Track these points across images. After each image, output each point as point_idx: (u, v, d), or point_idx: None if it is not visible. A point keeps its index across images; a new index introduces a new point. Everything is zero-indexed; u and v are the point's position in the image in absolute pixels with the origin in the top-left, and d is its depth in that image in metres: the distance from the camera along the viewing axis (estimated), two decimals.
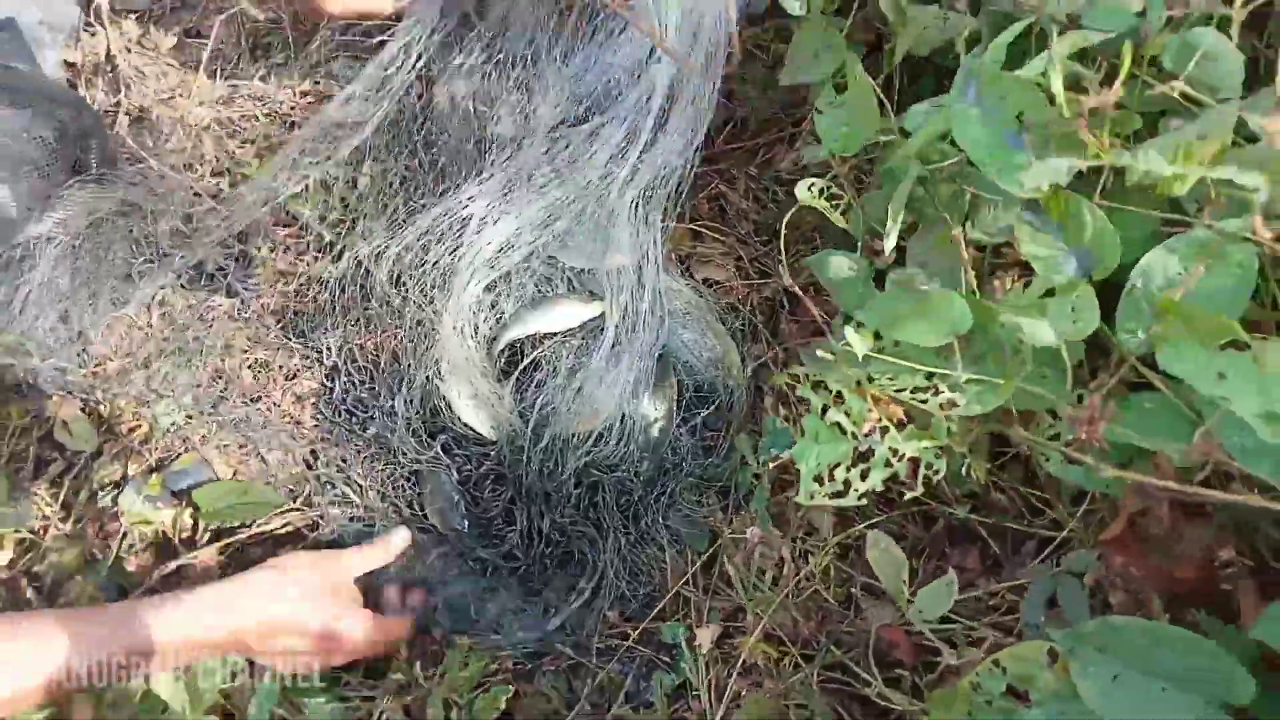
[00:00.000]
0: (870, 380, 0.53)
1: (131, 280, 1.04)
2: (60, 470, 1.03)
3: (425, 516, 1.00)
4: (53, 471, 1.03)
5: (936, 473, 0.55)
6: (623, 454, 0.97)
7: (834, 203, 0.71)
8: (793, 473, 0.97)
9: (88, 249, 1.02)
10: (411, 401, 0.99)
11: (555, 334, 0.99)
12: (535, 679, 0.94)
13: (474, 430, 0.98)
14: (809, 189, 0.70)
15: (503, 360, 1.00)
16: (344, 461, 1.00)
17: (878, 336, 0.54)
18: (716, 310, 1.02)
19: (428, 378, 0.98)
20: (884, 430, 0.52)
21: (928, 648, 0.85)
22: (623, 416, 0.97)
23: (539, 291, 0.97)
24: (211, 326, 1.04)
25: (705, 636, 0.89)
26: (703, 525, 0.97)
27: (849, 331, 0.54)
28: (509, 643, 0.94)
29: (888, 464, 0.53)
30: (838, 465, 0.54)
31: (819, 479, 0.54)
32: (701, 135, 0.90)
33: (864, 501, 0.54)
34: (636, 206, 0.97)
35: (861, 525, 0.92)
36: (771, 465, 0.90)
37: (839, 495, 0.54)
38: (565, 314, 0.96)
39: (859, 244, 0.84)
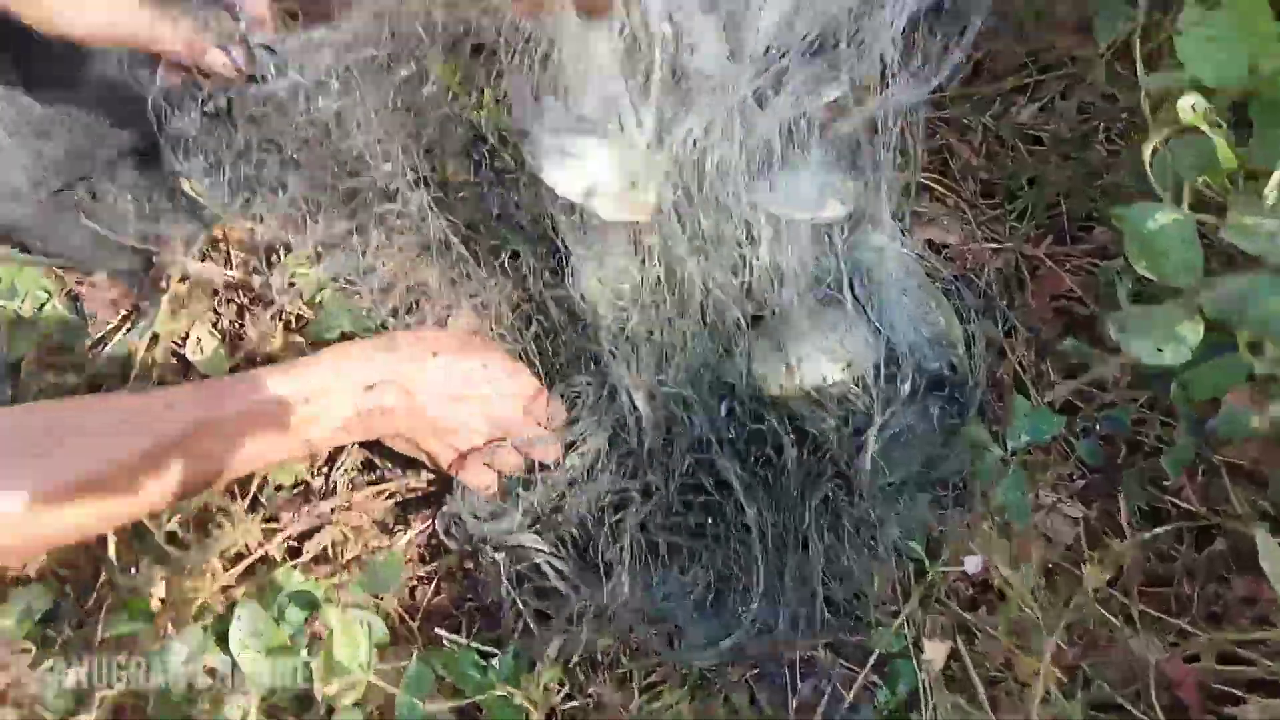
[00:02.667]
0: None
1: None
2: None
3: None
4: None
5: None
6: (828, 432, 0.83)
7: (1216, 129, 0.57)
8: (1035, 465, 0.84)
9: None
10: None
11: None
12: (715, 687, 0.81)
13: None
14: (1192, 106, 0.56)
15: None
16: None
17: None
18: (941, 278, 0.88)
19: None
20: None
21: (1217, 693, 0.72)
22: (826, 380, 0.83)
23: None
24: None
25: (937, 652, 0.75)
26: (919, 526, 0.83)
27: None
28: (685, 658, 0.80)
29: None
30: None
31: None
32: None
33: None
34: (860, 146, 0.83)
35: (1123, 541, 0.79)
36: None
37: None
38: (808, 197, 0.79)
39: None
